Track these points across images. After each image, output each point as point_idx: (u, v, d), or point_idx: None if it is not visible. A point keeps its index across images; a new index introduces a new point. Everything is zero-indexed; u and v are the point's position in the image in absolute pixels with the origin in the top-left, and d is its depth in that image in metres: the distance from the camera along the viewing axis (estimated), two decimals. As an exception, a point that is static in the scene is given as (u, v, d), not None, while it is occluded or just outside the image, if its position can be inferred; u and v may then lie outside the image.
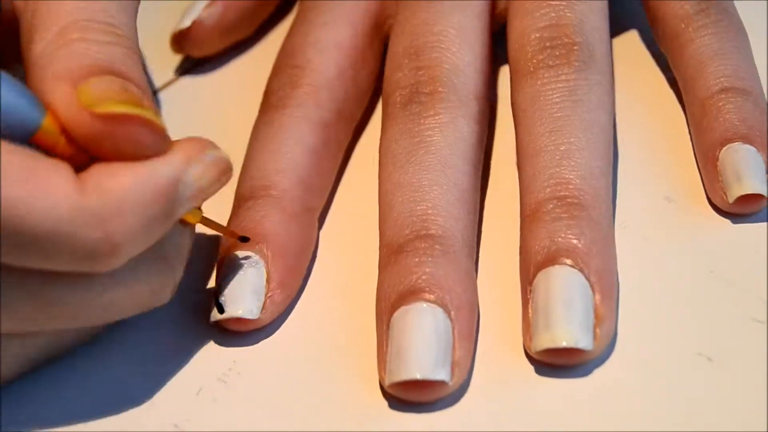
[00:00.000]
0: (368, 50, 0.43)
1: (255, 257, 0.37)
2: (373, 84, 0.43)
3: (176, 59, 0.47)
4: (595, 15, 0.40)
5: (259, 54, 0.47)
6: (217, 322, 0.37)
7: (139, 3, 0.36)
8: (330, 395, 0.35)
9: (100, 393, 0.36)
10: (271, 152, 0.39)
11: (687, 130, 0.41)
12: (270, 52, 0.46)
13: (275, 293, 0.37)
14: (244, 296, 0.36)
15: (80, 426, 0.35)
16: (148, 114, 0.32)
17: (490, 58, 0.41)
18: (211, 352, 0.37)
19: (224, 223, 0.38)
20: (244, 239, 0.37)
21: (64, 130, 0.32)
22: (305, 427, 0.35)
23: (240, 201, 0.39)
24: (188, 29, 0.45)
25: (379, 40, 0.44)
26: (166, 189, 0.33)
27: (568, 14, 0.40)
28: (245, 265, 0.37)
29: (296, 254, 0.38)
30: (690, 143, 0.40)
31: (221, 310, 0.36)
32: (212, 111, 0.45)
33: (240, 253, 0.37)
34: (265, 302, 0.37)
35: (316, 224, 0.40)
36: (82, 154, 0.33)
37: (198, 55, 0.47)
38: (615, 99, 0.40)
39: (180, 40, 0.46)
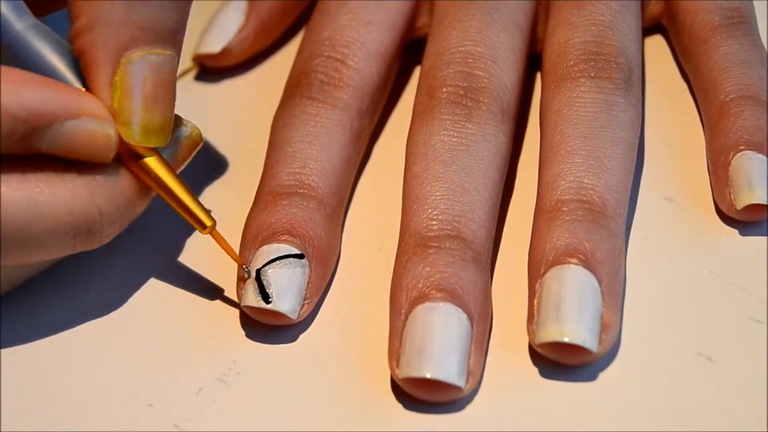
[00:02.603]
0: (397, 58, 0.43)
1: (303, 258, 0.37)
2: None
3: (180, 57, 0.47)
4: (635, 44, 0.41)
5: (263, 52, 0.47)
6: (251, 308, 0.36)
7: None
8: (330, 395, 0.35)
9: (101, 393, 0.36)
10: (319, 152, 0.39)
11: (687, 130, 0.41)
12: (274, 50, 0.46)
13: (313, 300, 0.37)
14: (291, 294, 0.36)
15: (81, 426, 0.35)
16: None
17: (524, 83, 0.42)
18: (211, 352, 0.37)
19: (242, 204, 0.39)
20: (248, 271, 0.37)
21: None
22: (305, 427, 0.35)
23: (280, 191, 0.38)
24: (216, 55, 0.45)
25: (404, 47, 0.44)
26: None
27: (612, 35, 0.40)
28: (294, 263, 0.37)
29: (330, 265, 0.38)
30: (691, 144, 0.41)
31: (267, 301, 0.36)
32: (217, 109, 0.45)
33: (286, 247, 0.37)
34: (303, 305, 0.37)
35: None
36: None
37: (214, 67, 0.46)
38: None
39: (204, 58, 0.45)
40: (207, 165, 0.42)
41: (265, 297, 0.36)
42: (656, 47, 0.45)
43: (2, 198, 0.33)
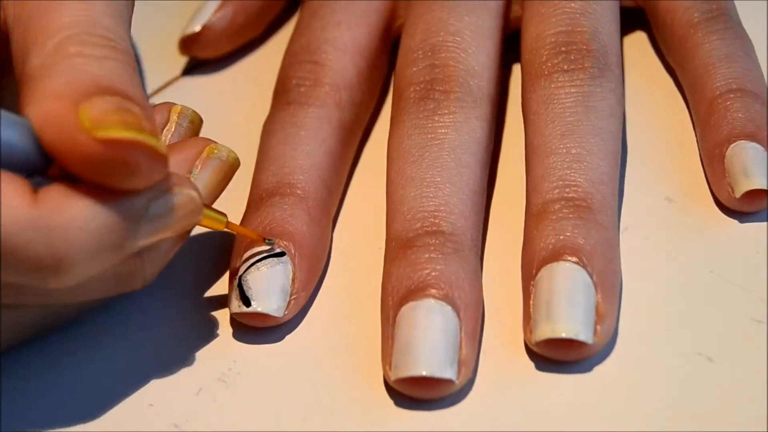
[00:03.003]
0: (381, 52, 0.43)
1: (284, 255, 0.37)
2: (381, 86, 0.44)
3: (178, 58, 0.47)
4: (609, 24, 0.41)
5: (260, 53, 0.47)
6: (237, 314, 0.36)
7: (132, 13, 0.35)
8: (330, 395, 0.35)
9: (101, 393, 0.36)
10: (294, 150, 0.39)
11: (687, 130, 0.41)
12: (271, 51, 0.47)
13: (300, 295, 0.37)
14: (272, 293, 0.36)
15: (80, 426, 0.35)
16: (150, 140, 0.32)
17: (501, 61, 0.42)
18: (211, 352, 0.37)
19: (241, 213, 0.39)
20: (271, 241, 0.37)
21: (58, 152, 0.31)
22: (306, 427, 0.35)
23: (262, 195, 0.39)
24: (197, 34, 0.45)
25: (389, 41, 0.44)
26: (121, 223, 0.32)
27: (584, 22, 0.40)
28: (273, 262, 0.37)
29: (318, 257, 0.38)
30: (690, 144, 0.41)
31: (248, 304, 0.36)
32: (215, 110, 0.45)
33: (266, 249, 0.37)
34: (289, 302, 0.37)
35: (331, 228, 0.40)
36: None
37: (205, 57, 0.47)
38: (625, 108, 0.40)
39: (189, 43, 0.46)
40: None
41: (246, 301, 0.36)
42: (655, 45, 0.45)
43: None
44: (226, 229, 0.36)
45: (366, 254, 0.39)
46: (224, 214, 0.36)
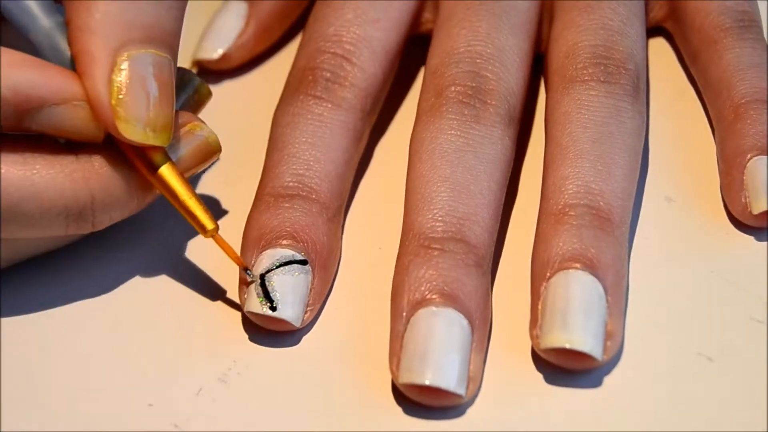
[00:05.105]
0: (400, 57, 0.43)
1: (307, 264, 0.37)
2: None
3: (182, 55, 0.47)
4: (642, 49, 0.41)
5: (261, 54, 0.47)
6: (255, 314, 0.36)
7: None
8: (330, 394, 0.35)
9: (101, 393, 0.36)
10: (322, 154, 0.39)
11: (687, 130, 0.41)
12: (273, 49, 0.46)
13: (315, 306, 0.37)
14: (295, 301, 0.36)
15: (80, 426, 0.35)
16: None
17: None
18: (211, 352, 0.37)
19: (250, 202, 0.39)
20: (248, 272, 0.37)
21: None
22: (305, 428, 0.35)
23: (281, 192, 0.38)
24: (215, 61, 0.45)
25: (406, 45, 0.43)
26: None
27: (621, 41, 0.40)
28: (300, 270, 0.37)
29: (332, 270, 0.38)
30: (690, 144, 0.41)
31: (272, 307, 0.36)
32: (216, 108, 0.45)
33: (290, 252, 0.37)
34: (306, 312, 0.37)
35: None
36: None
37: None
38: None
39: (202, 64, 0.45)
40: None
41: (270, 303, 0.36)
42: (655, 47, 0.45)
43: (2, 176, 0.34)
44: (210, 238, 0.36)
45: (366, 255, 0.39)
46: (215, 223, 0.36)
